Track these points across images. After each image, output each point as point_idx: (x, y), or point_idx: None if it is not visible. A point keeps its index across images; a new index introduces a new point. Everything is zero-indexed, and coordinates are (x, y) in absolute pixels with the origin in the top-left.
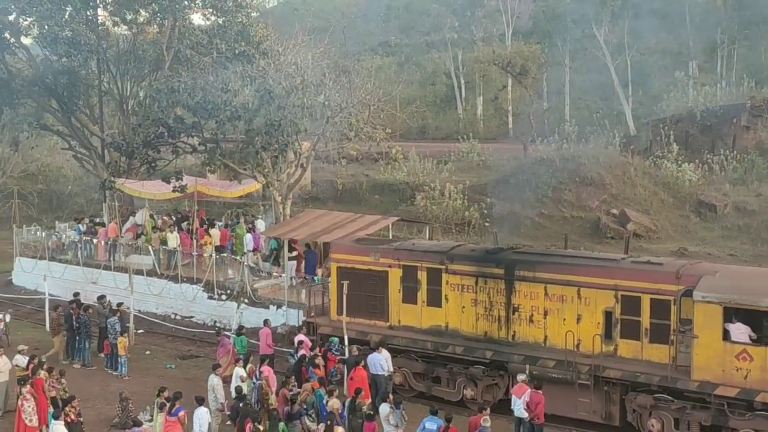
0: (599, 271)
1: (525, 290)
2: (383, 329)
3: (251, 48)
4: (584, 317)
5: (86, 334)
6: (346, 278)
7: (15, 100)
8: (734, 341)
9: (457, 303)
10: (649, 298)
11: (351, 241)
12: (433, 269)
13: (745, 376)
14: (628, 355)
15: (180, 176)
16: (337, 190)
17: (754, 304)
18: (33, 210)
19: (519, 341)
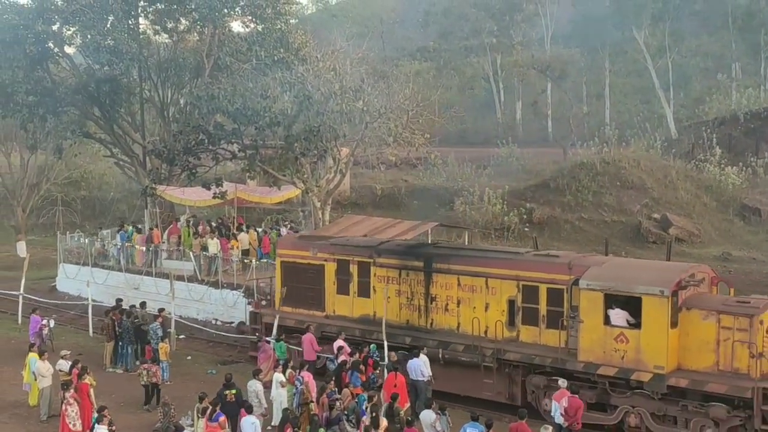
0: (504, 263)
1: (441, 281)
2: (320, 318)
3: (290, 54)
4: (491, 305)
5: (128, 339)
6: (289, 272)
7: (59, 108)
8: (613, 325)
9: (383, 294)
10: (546, 288)
11: (293, 237)
12: (363, 263)
13: (622, 356)
14: (529, 340)
15: (220, 183)
16: (376, 195)
17: (629, 291)
18: (76, 217)
19: (436, 328)
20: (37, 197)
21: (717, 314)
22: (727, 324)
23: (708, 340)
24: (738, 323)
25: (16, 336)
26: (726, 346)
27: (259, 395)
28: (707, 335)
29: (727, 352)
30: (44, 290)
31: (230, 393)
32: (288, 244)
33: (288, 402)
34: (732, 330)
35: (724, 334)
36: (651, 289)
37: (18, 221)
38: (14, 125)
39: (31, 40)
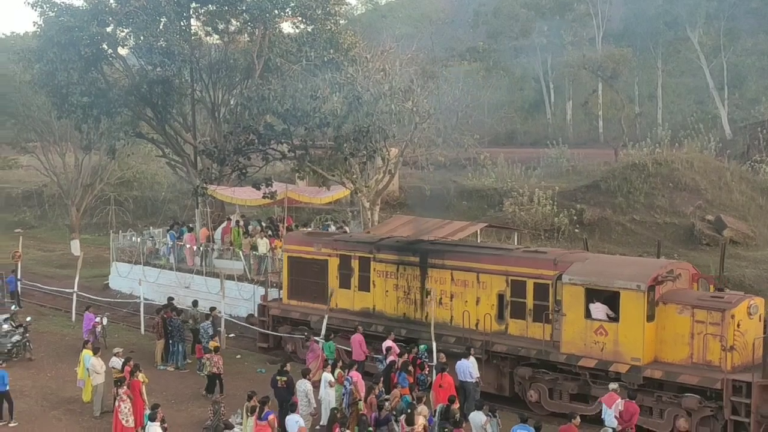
0: (494, 258)
1: (436, 276)
2: (323, 311)
3: (340, 55)
4: (482, 300)
5: (179, 337)
6: (295, 266)
7: (112, 109)
8: (593, 318)
9: (382, 288)
10: (533, 282)
11: (300, 233)
12: (364, 258)
13: (602, 348)
14: (516, 333)
15: (270, 183)
16: (425, 196)
17: (608, 285)
18: (128, 216)
19: (430, 321)
20: (91, 197)
21: (691, 308)
22: (701, 318)
23: (683, 334)
24: (711, 317)
25: (70, 333)
26: (699, 339)
27: (309, 395)
28: (682, 329)
29: (701, 345)
30: (97, 288)
31: (281, 379)
32: (294, 239)
33: (336, 402)
34: (705, 324)
35: (698, 327)
36: (628, 284)
37: (72, 220)
38: (69, 126)
39: (85, 42)
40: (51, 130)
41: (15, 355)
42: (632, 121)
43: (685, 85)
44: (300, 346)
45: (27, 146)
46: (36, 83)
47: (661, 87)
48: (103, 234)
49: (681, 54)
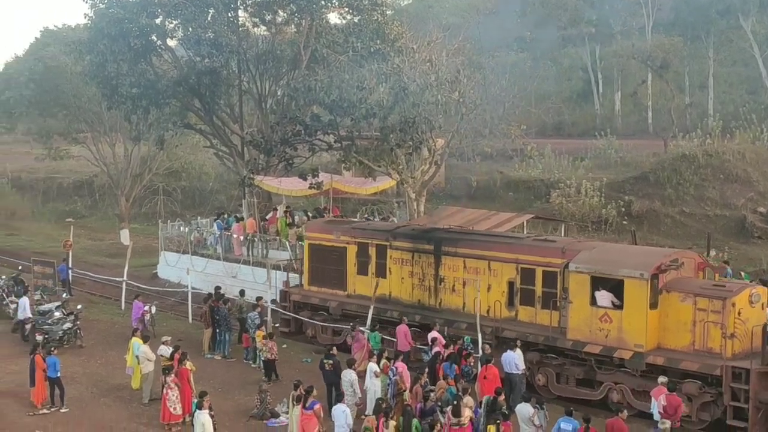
0: (505, 247)
1: (449, 264)
2: (342, 297)
3: (386, 46)
4: (493, 287)
5: (226, 327)
6: (316, 253)
7: (161, 100)
8: (599, 306)
9: (398, 274)
10: (542, 270)
11: (321, 221)
12: (381, 245)
13: (606, 335)
14: (526, 319)
15: (316, 173)
16: (471, 187)
17: (613, 273)
18: (177, 206)
19: (444, 308)
20: (140, 187)
21: (694, 297)
22: (703, 306)
23: (685, 321)
24: (712, 305)
25: (119, 321)
26: (701, 326)
27: (354, 385)
28: (685, 316)
29: (702, 333)
30: (146, 277)
31: (328, 363)
32: (315, 227)
33: (382, 392)
34: (707, 312)
35: (700, 315)
36: (632, 272)
37: (122, 210)
38: (119, 117)
39: (135, 34)
40: (101, 120)
41: (66, 342)
42: (682, 112)
43: (738, 74)
44: (319, 331)
45: (78, 137)
46: (87, 75)
47: (712, 77)
48: (152, 224)
49: (733, 43)
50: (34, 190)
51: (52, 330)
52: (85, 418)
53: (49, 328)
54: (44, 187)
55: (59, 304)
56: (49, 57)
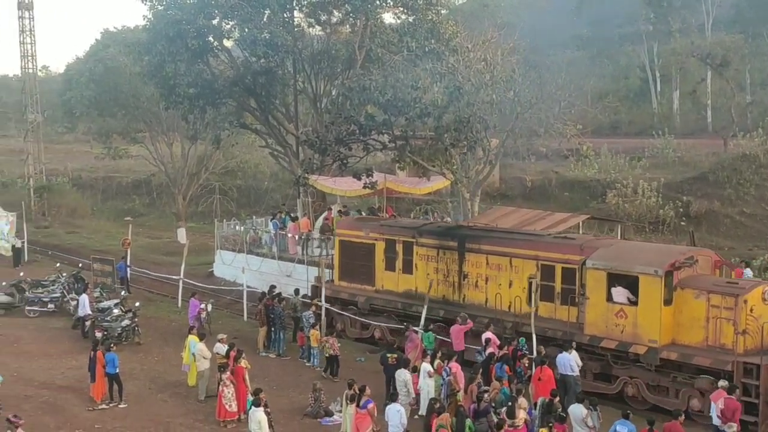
0: (526, 244)
1: (472, 260)
2: (370, 292)
3: (441, 45)
4: (514, 283)
5: (281, 325)
6: (346, 250)
7: (217, 100)
8: (615, 302)
9: (424, 270)
10: (561, 267)
11: (351, 219)
12: (407, 242)
13: (622, 331)
14: (545, 315)
15: (370, 173)
16: (526, 187)
17: (628, 270)
18: (232, 205)
19: (467, 303)
20: (197, 186)
21: (707, 293)
22: (716, 303)
23: (699, 317)
24: (725, 302)
25: (176, 318)
26: (714, 323)
27: (408, 384)
28: (698, 313)
29: (715, 329)
30: (202, 275)
31: (392, 356)
32: (345, 225)
33: (435, 392)
34: (719, 308)
35: (713, 312)
36: (647, 268)
37: (179, 209)
38: (176, 116)
39: (192, 35)
40: (159, 120)
41: (124, 338)
42: (743, 110)
43: None
44: (348, 326)
45: (136, 136)
46: (145, 75)
47: None
48: (208, 222)
49: None
50: (93, 188)
51: (111, 327)
52: (142, 413)
53: (109, 325)
54: (104, 185)
55: (118, 301)
56: (109, 58)
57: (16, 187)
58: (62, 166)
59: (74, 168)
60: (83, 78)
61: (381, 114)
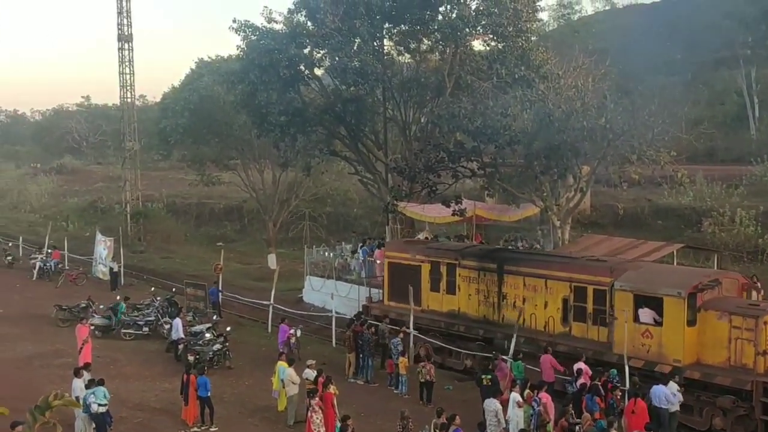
0: (560, 266)
1: (511, 282)
2: (417, 312)
3: (531, 72)
4: (549, 304)
5: (369, 352)
6: (395, 271)
7: (308, 127)
8: (641, 322)
9: (466, 291)
10: (592, 288)
11: (399, 241)
12: (451, 264)
13: (648, 350)
14: (578, 335)
15: (459, 200)
16: (618, 214)
17: (654, 292)
18: (321, 231)
19: (506, 323)
20: (287, 212)
21: (729, 315)
22: (737, 324)
23: (721, 338)
24: (746, 323)
25: (266, 343)
26: (736, 343)
27: (498, 414)
28: (721, 333)
29: (737, 349)
30: (292, 301)
31: (486, 378)
32: (394, 247)
33: (525, 422)
34: (741, 329)
35: (735, 332)
36: (671, 290)
37: (269, 235)
38: (267, 144)
39: (284, 64)
40: (251, 148)
41: (216, 363)
42: None
43: None
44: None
45: (229, 163)
46: (238, 104)
47: None
48: (298, 248)
49: None
50: (187, 214)
51: (203, 351)
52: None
53: (201, 349)
54: (197, 211)
55: (210, 325)
56: (203, 87)
57: (114, 213)
58: (158, 192)
59: (169, 194)
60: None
61: (470, 141)
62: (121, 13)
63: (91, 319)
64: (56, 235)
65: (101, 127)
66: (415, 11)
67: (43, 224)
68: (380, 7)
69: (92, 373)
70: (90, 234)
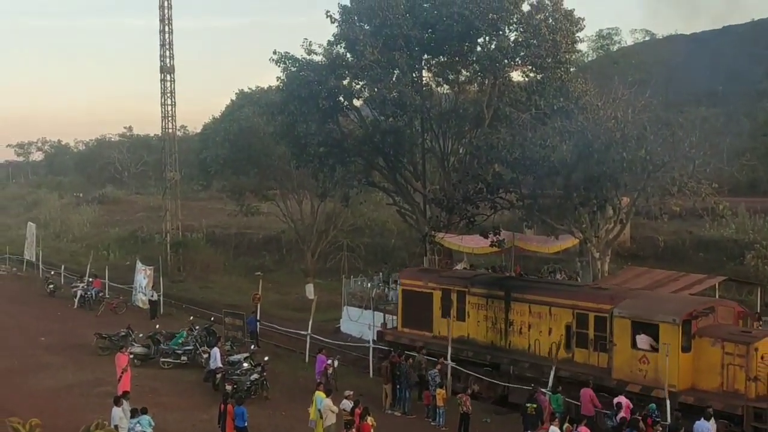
0: (564, 294)
1: (517, 309)
2: (429, 338)
3: (570, 103)
4: (554, 330)
5: (407, 383)
6: (408, 298)
7: (346, 158)
8: (639, 348)
9: (475, 318)
10: (594, 315)
11: (413, 270)
12: (461, 291)
13: (645, 375)
14: (581, 360)
15: (498, 231)
16: (658, 247)
17: (650, 319)
18: (359, 262)
19: (512, 348)
20: (325, 243)
21: (722, 341)
22: (730, 350)
23: (715, 364)
24: (738, 350)
25: (303, 374)
26: (728, 369)
27: None
28: (714, 359)
29: (729, 375)
30: (329, 331)
31: (531, 407)
32: (408, 275)
33: None
34: (733, 355)
35: (727, 359)
36: (666, 317)
37: (307, 265)
38: (306, 174)
39: (323, 95)
40: (290, 178)
41: (253, 392)
42: None
43: None
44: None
45: (268, 194)
46: (278, 134)
47: None
48: (335, 279)
49: None
50: (226, 244)
51: (241, 380)
52: None
53: (238, 379)
54: (236, 241)
55: (248, 355)
56: (243, 118)
57: (154, 243)
58: (197, 222)
59: (208, 224)
60: (218, 137)
61: (509, 172)
62: (163, 46)
63: (131, 348)
64: (97, 264)
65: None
66: (453, 43)
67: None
68: (419, 39)
69: (131, 402)
70: (130, 263)
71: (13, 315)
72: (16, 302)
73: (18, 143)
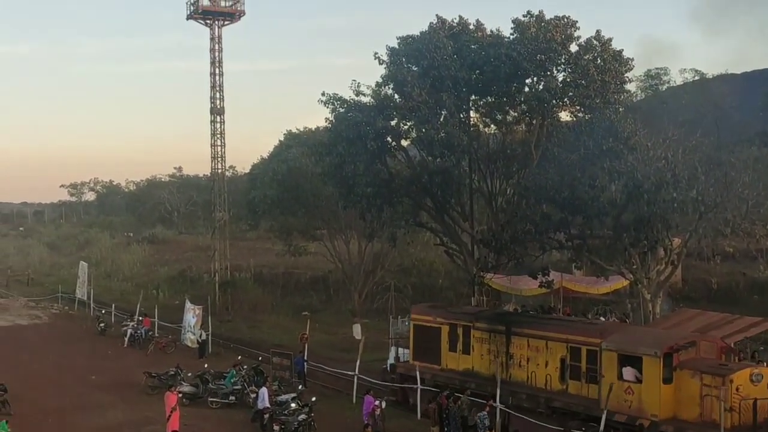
0: (559, 328)
1: (517, 342)
2: (437, 371)
3: (619, 143)
4: (550, 363)
5: (455, 425)
6: (419, 333)
7: (394, 199)
8: (624, 380)
9: (479, 351)
10: (586, 349)
11: (423, 305)
12: (466, 326)
13: (629, 405)
14: (574, 392)
15: (547, 272)
16: (711, 288)
17: (634, 351)
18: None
19: (512, 380)
20: (372, 283)
21: (700, 374)
22: (707, 382)
23: (694, 395)
24: (714, 381)
25: (350, 415)
26: (706, 400)
27: None
28: (693, 391)
29: (707, 405)
30: (377, 372)
31: None
32: (418, 310)
33: None
34: (710, 387)
35: (705, 390)
36: (648, 350)
37: (354, 305)
38: (354, 215)
39: (371, 136)
40: (337, 218)
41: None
42: None
43: None
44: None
45: (315, 234)
46: (325, 175)
47: None
48: (383, 319)
49: None
50: (274, 284)
51: (288, 421)
52: None
53: (286, 419)
54: (283, 281)
55: (295, 395)
56: (291, 159)
57: (202, 282)
58: (245, 262)
59: (256, 264)
60: (267, 178)
61: (557, 213)
62: (214, 87)
63: (180, 387)
64: (147, 303)
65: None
66: (501, 84)
67: (135, 292)
68: (467, 80)
69: None
70: (179, 302)
71: (65, 354)
72: (68, 341)
73: (71, 183)
